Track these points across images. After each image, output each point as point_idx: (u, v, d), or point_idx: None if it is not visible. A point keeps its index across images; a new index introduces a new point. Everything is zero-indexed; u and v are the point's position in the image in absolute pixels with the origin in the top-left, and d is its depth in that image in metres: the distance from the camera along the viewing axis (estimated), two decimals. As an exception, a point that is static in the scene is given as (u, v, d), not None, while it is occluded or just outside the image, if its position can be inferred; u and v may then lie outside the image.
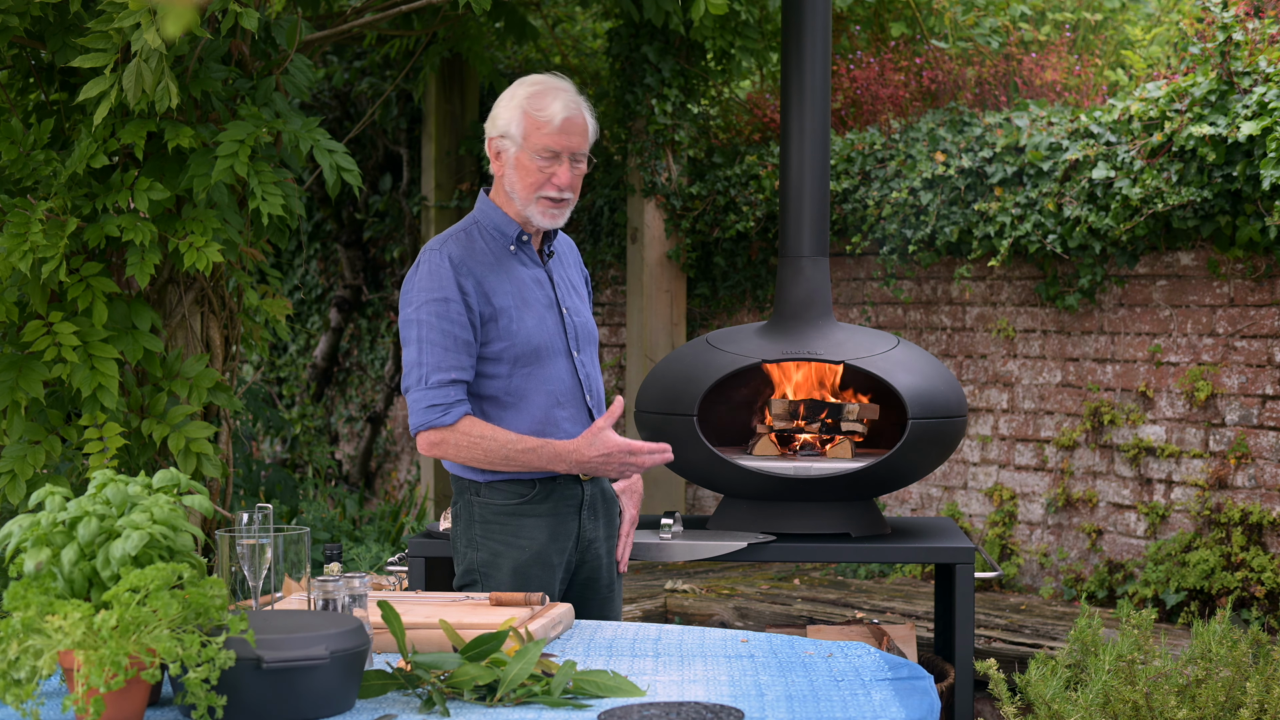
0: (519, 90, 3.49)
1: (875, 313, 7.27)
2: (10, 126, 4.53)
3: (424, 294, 3.41)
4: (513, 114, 3.47)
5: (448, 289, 3.40)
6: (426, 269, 3.43)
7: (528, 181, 3.47)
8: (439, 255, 3.43)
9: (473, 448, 3.39)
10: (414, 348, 3.42)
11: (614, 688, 2.53)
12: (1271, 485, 5.89)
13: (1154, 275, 6.27)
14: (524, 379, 3.46)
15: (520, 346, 3.45)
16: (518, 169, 3.47)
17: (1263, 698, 3.79)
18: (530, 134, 3.45)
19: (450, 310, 3.40)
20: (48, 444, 4.56)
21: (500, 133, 3.48)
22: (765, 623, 6.35)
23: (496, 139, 3.50)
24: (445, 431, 3.39)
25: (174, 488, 2.60)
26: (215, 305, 4.95)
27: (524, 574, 3.48)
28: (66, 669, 2.30)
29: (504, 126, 3.47)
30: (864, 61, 7.66)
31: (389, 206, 9.19)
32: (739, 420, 4.83)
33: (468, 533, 3.52)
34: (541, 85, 3.49)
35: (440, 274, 3.41)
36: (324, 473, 9.44)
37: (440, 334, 3.39)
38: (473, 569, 3.51)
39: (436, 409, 3.38)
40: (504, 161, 3.49)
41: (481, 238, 3.51)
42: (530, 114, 3.45)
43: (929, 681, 2.73)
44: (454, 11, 6.50)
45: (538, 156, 3.45)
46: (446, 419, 3.38)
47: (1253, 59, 5.81)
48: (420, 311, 3.41)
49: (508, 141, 3.47)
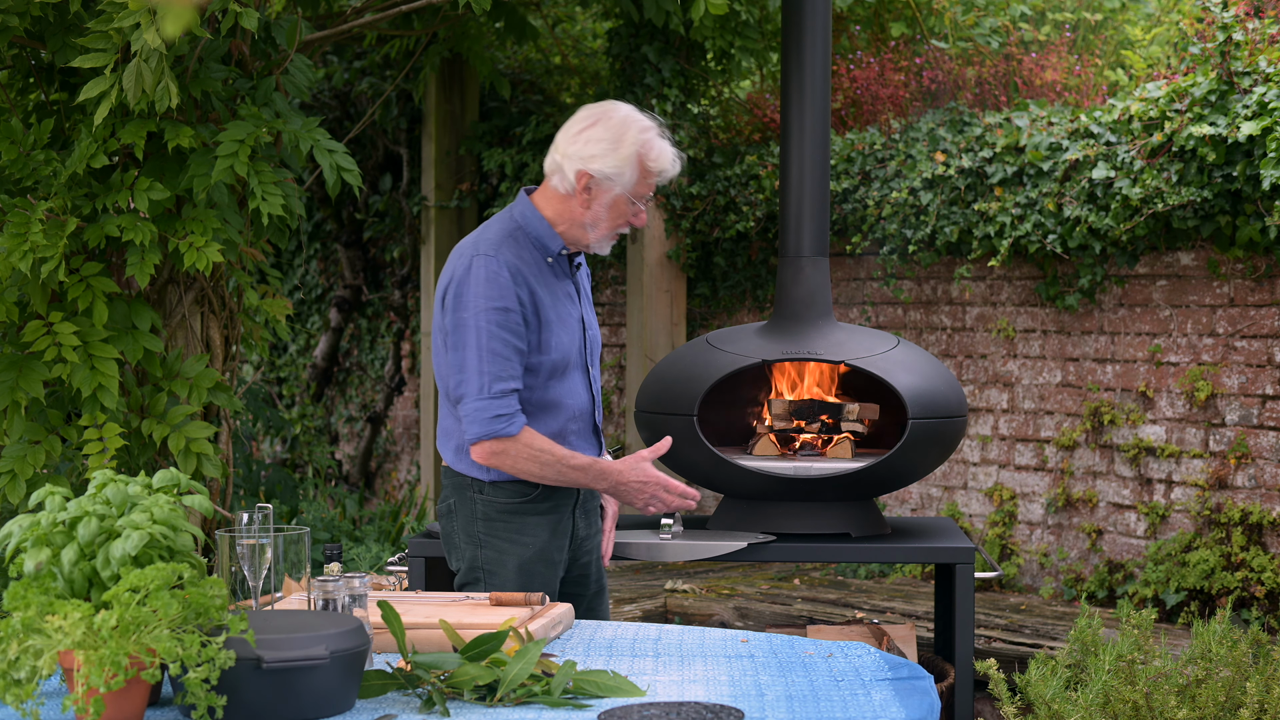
0: (629, 133, 3.45)
1: (875, 313, 7.27)
2: (10, 126, 4.53)
3: (484, 300, 3.37)
4: (626, 161, 3.43)
5: (508, 298, 3.38)
6: (484, 274, 3.38)
7: (617, 222, 3.49)
8: (496, 262, 3.39)
9: (532, 460, 3.40)
10: (473, 354, 3.38)
11: (614, 688, 2.53)
12: (1271, 485, 5.89)
13: (1154, 275, 6.27)
14: (548, 392, 3.49)
15: (555, 361, 3.47)
16: (611, 208, 3.47)
17: (1263, 698, 3.79)
18: (640, 182, 3.46)
19: (510, 320, 3.38)
20: (48, 444, 4.56)
21: (605, 174, 3.44)
22: (765, 623, 6.35)
23: (597, 177, 3.44)
24: (508, 442, 3.39)
25: (174, 488, 2.60)
26: (215, 305, 4.95)
27: (529, 571, 3.50)
28: (66, 669, 2.30)
29: (612, 170, 3.43)
30: (864, 61, 7.66)
31: (389, 206, 9.19)
32: (739, 420, 4.83)
33: (469, 529, 3.52)
34: (651, 131, 3.47)
35: (500, 282, 3.38)
36: (324, 473, 9.44)
37: (501, 343, 3.37)
38: (477, 566, 3.52)
39: (502, 419, 3.37)
40: (595, 197, 3.46)
41: (525, 245, 3.48)
42: (645, 164, 3.45)
43: (929, 681, 2.73)
44: (454, 11, 6.50)
45: (636, 201, 3.48)
46: (511, 429, 3.38)
47: (1253, 59, 5.81)
48: (480, 318, 3.37)
49: (612, 184, 3.45)
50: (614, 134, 3.44)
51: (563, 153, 3.47)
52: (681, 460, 4.57)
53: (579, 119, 3.49)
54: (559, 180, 3.48)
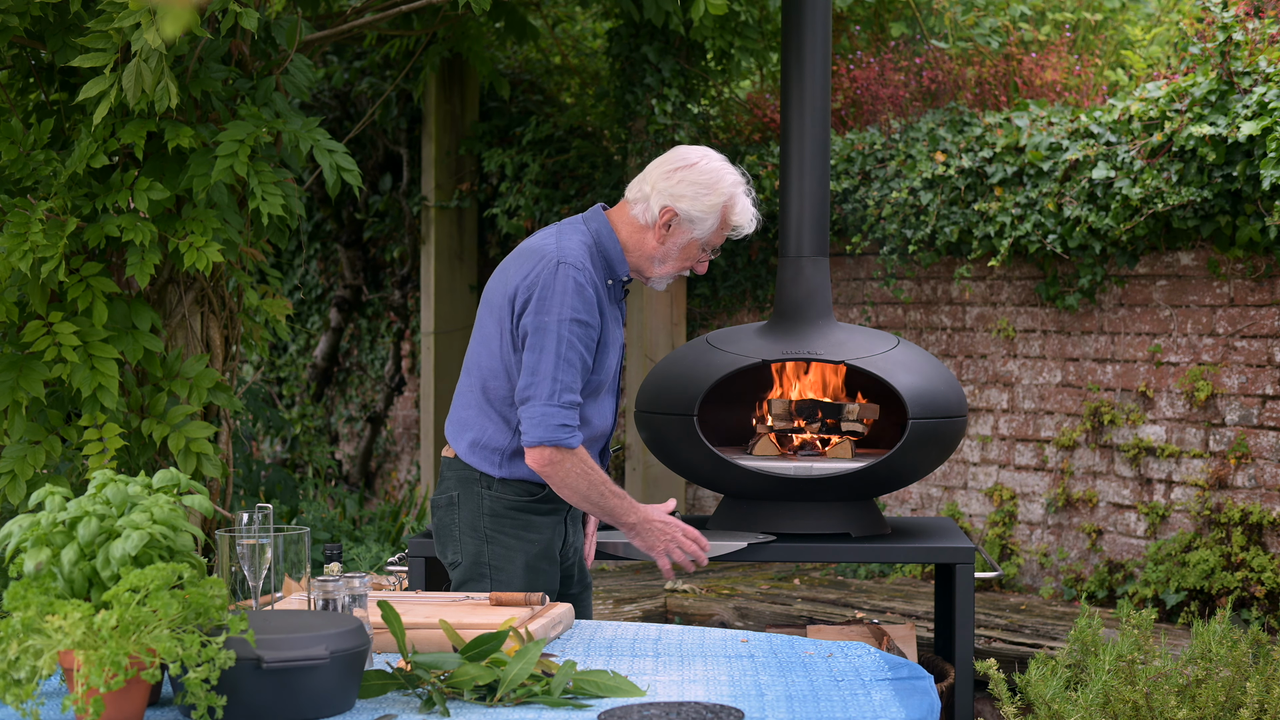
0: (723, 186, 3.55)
1: (875, 313, 7.27)
2: (10, 126, 4.53)
3: (571, 311, 3.42)
4: (712, 210, 3.54)
5: (592, 315, 3.45)
6: (574, 286, 3.44)
7: (683, 264, 3.60)
8: (584, 276, 3.46)
9: (582, 477, 3.44)
10: (550, 359, 3.41)
11: (614, 688, 2.53)
12: (1271, 485, 5.88)
13: (1154, 275, 6.26)
14: (587, 409, 3.54)
15: (602, 382, 3.55)
16: (684, 250, 3.57)
17: (1263, 698, 3.79)
18: (716, 233, 3.58)
19: (589, 336, 3.45)
20: (48, 444, 4.56)
21: (689, 217, 3.54)
22: (765, 623, 6.35)
23: (682, 217, 3.54)
24: (567, 453, 3.42)
25: (174, 488, 2.60)
26: (215, 305, 4.95)
27: (534, 569, 3.55)
28: (66, 669, 2.30)
29: (698, 214, 3.53)
30: (864, 61, 7.66)
31: (389, 206, 9.19)
32: (739, 420, 4.83)
33: (474, 523, 3.54)
34: (741, 187, 3.59)
35: (587, 297, 3.44)
36: (324, 473, 9.44)
37: (578, 356, 3.43)
38: (482, 561, 3.54)
39: (567, 430, 3.41)
40: (673, 236, 3.55)
41: (597, 263, 3.54)
42: (728, 216, 3.57)
43: (929, 681, 2.73)
44: (454, 11, 6.50)
45: (705, 248, 3.59)
46: (574, 441, 3.42)
47: (1253, 59, 5.81)
48: (564, 327, 3.42)
49: (693, 226, 3.55)
50: (708, 180, 3.55)
51: (654, 185, 3.55)
52: (681, 460, 4.57)
53: (676, 158, 3.58)
54: (641, 210, 3.56)
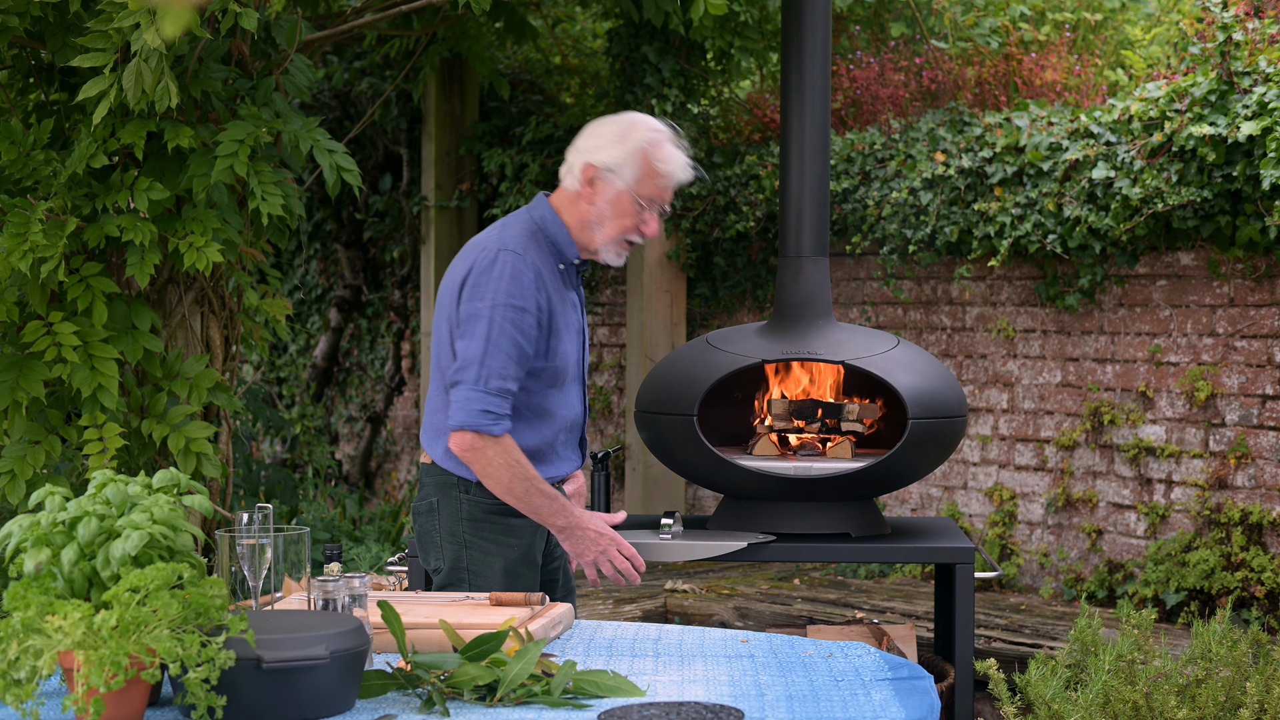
0: (637, 132, 3.46)
1: (875, 313, 7.27)
2: (10, 126, 4.53)
3: (504, 296, 3.35)
4: (630, 154, 3.43)
5: (528, 300, 3.37)
6: (510, 270, 3.37)
7: (621, 223, 3.47)
8: (523, 261, 3.38)
9: (505, 468, 3.36)
10: (479, 344, 3.34)
11: (614, 688, 2.53)
12: (1271, 485, 5.89)
13: (1154, 275, 6.26)
14: (546, 399, 3.47)
15: (558, 370, 3.46)
16: (614, 205, 3.45)
17: (1263, 698, 3.79)
18: (643, 180, 3.44)
19: (524, 322, 3.36)
20: (48, 444, 4.56)
21: (608, 165, 3.44)
22: (765, 623, 6.35)
23: (600, 169, 3.45)
24: (488, 440, 3.35)
25: (174, 488, 2.60)
26: (215, 305, 4.95)
27: (514, 573, 3.50)
28: (66, 669, 2.30)
29: (615, 162, 3.44)
30: (864, 61, 7.66)
31: (389, 206, 9.19)
32: (739, 420, 4.83)
33: (453, 528, 3.50)
34: (662, 134, 3.48)
35: (524, 282, 3.36)
36: (324, 473, 9.44)
37: (510, 342, 3.35)
38: (461, 567, 3.50)
39: (489, 416, 3.34)
40: (599, 192, 3.46)
41: (543, 248, 3.47)
42: (651, 161, 3.44)
43: (929, 681, 2.73)
44: (454, 11, 6.50)
45: (640, 202, 3.45)
46: (496, 429, 3.35)
47: (1253, 59, 5.81)
48: (496, 312, 3.35)
49: (614, 176, 3.44)
50: (622, 130, 3.46)
51: (574, 149, 3.51)
52: (681, 460, 4.57)
53: (595, 121, 3.53)
54: (570, 179, 3.49)
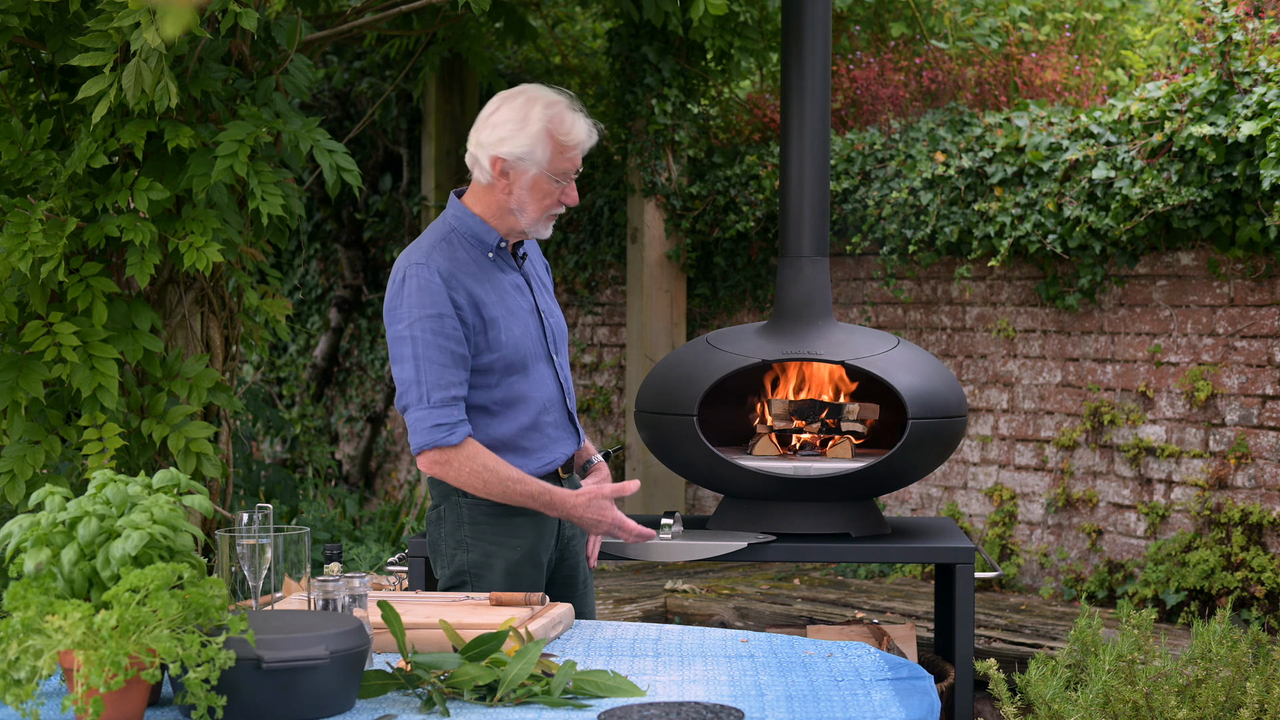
0: (534, 110, 3.39)
1: (875, 313, 7.27)
2: (10, 126, 4.53)
3: (416, 310, 3.33)
4: (535, 138, 3.37)
5: (441, 304, 3.33)
6: (415, 284, 3.34)
7: (543, 204, 3.42)
8: (427, 270, 3.35)
9: (474, 475, 3.35)
10: (410, 365, 3.34)
11: (614, 688, 2.53)
12: (1271, 485, 5.89)
13: (1154, 275, 6.27)
14: (510, 388, 3.44)
15: (509, 356, 3.42)
16: (533, 190, 3.41)
17: (1263, 698, 3.79)
18: (555, 158, 3.39)
19: (445, 326, 3.33)
20: (47, 444, 4.56)
21: (517, 155, 3.38)
22: (765, 623, 6.35)
23: (510, 160, 3.39)
24: (450, 452, 3.34)
25: (174, 488, 2.60)
26: (215, 305, 4.95)
27: (516, 574, 3.47)
28: (66, 669, 2.30)
29: (523, 149, 3.38)
30: (864, 61, 7.66)
31: (389, 206, 9.19)
32: (739, 420, 4.83)
33: (455, 534, 3.48)
34: (559, 105, 3.41)
35: (431, 289, 3.33)
36: (324, 473, 9.44)
37: (438, 350, 3.32)
38: (462, 570, 3.48)
39: (442, 429, 3.32)
40: (514, 181, 3.40)
41: (461, 246, 3.43)
42: (556, 138, 3.38)
43: (929, 681, 2.73)
44: (454, 11, 6.50)
45: (556, 178, 3.41)
46: (452, 439, 3.33)
47: (1253, 59, 5.81)
48: (414, 328, 3.33)
49: (527, 164, 3.38)
50: (520, 114, 3.39)
51: (475, 143, 3.43)
52: (681, 460, 4.57)
53: (488, 106, 3.44)
54: (479, 172, 3.44)
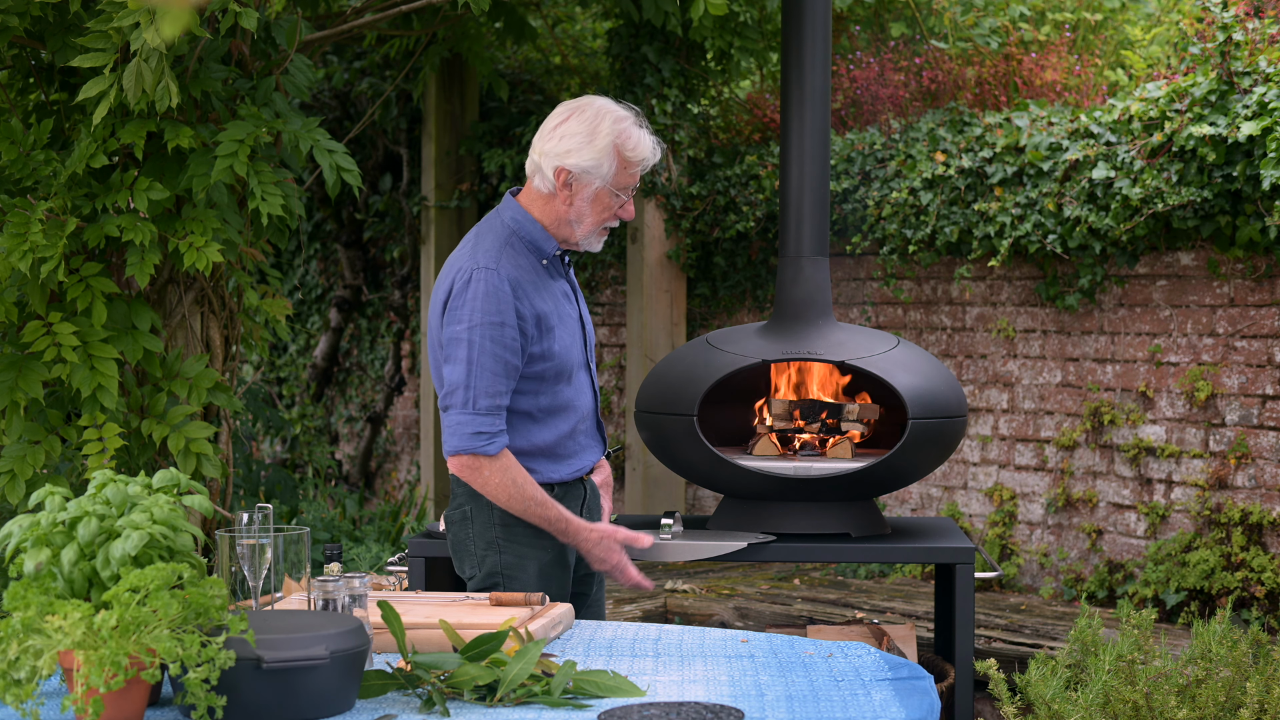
0: (604, 125, 3.41)
1: (875, 313, 7.27)
2: (10, 126, 4.53)
3: (480, 315, 3.33)
4: (603, 152, 3.39)
5: (505, 313, 3.34)
6: (484, 289, 3.34)
7: (602, 216, 3.45)
8: (497, 276, 3.36)
9: (501, 488, 3.37)
10: (462, 368, 3.34)
11: (614, 688, 2.53)
12: (1271, 485, 5.88)
13: (1154, 275, 6.26)
14: (556, 395, 3.47)
15: (559, 365, 3.45)
16: (594, 203, 3.43)
17: (1263, 698, 3.79)
18: (620, 173, 3.42)
19: (505, 335, 3.34)
20: (47, 444, 4.56)
21: (583, 168, 3.40)
22: (765, 623, 6.34)
23: (575, 172, 3.41)
24: (485, 460, 3.36)
25: (174, 488, 2.60)
26: (215, 305, 4.95)
27: (548, 575, 3.51)
28: (66, 669, 2.30)
29: (590, 163, 3.40)
30: (864, 61, 7.66)
31: (389, 206, 9.19)
32: (739, 420, 4.82)
33: (486, 535, 3.49)
34: (627, 121, 3.44)
35: (499, 297, 3.34)
36: (324, 473, 9.44)
37: (493, 359, 3.34)
38: (495, 572, 3.49)
39: (482, 437, 3.35)
40: (577, 193, 3.43)
41: (521, 251, 3.45)
42: (623, 154, 3.41)
43: (929, 681, 2.73)
44: (454, 11, 6.50)
45: (620, 193, 3.44)
46: (490, 448, 3.36)
47: (1253, 59, 5.81)
48: (474, 332, 3.34)
49: (592, 177, 3.41)
50: (588, 127, 3.41)
51: (540, 151, 3.45)
52: (681, 460, 4.57)
53: (554, 116, 3.47)
54: (540, 180, 3.45)
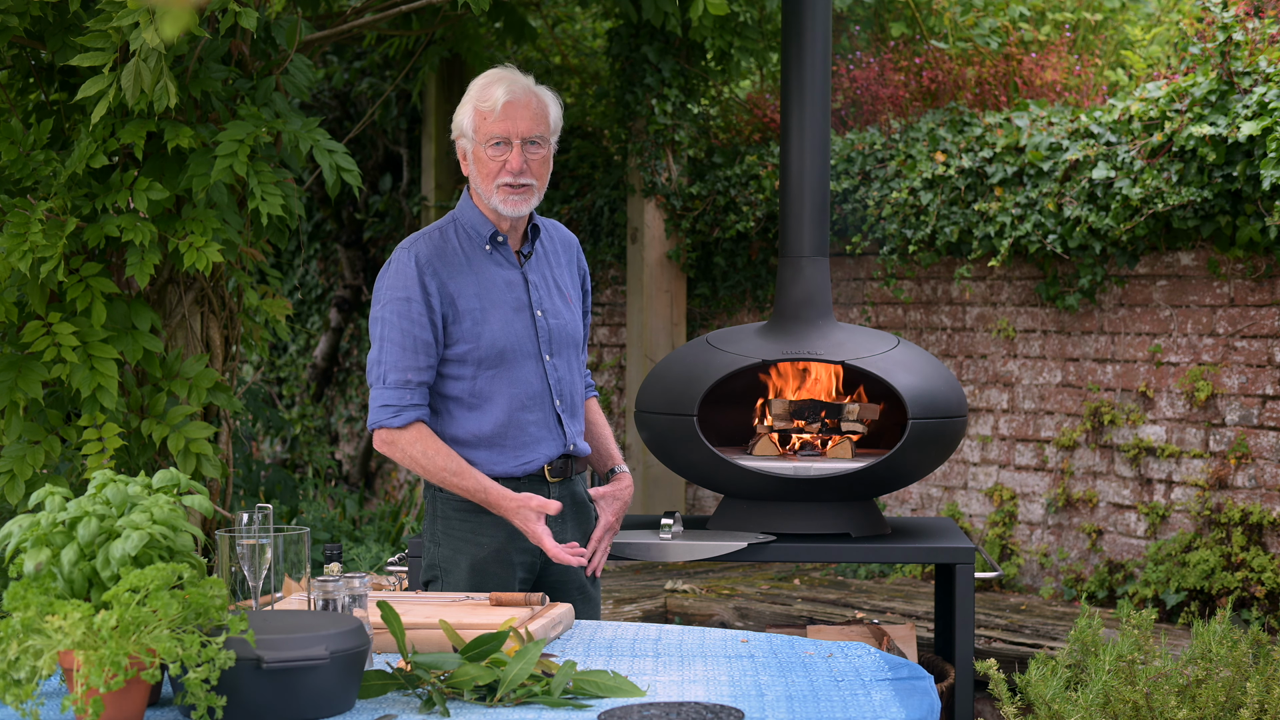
0: (471, 87, 3.52)
1: (875, 313, 7.27)
2: (10, 126, 4.53)
3: (389, 292, 3.44)
4: (464, 110, 3.49)
5: (410, 288, 3.41)
6: (395, 267, 3.45)
7: (484, 172, 3.48)
8: (407, 254, 3.45)
9: (415, 459, 3.42)
10: (376, 345, 3.45)
11: (614, 688, 2.53)
12: (1271, 485, 5.88)
13: (1154, 275, 6.26)
14: (488, 381, 3.47)
15: (484, 349, 3.46)
16: (475, 163, 3.49)
17: (1263, 698, 3.79)
18: (479, 126, 3.46)
19: (411, 310, 3.41)
20: (47, 444, 4.56)
21: (459, 132, 3.51)
22: (765, 623, 6.35)
23: (458, 139, 3.52)
24: (395, 433, 3.42)
25: (174, 488, 2.60)
26: (215, 305, 4.95)
27: (482, 571, 3.48)
28: (66, 669, 2.30)
29: (460, 125, 3.50)
30: (864, 61, 7.66)
31: (389, 206, 9.19)
32: (739, 420, 4.83)
33: (431, 528, 3.56)
34: (488, 77, 3.51)
35: (405, 273, 3.43)
36: (324, 473, 9.44)
37: (400, 333, 3.41)
38: (434, 564, 3.54)
39: (389, 410, 3.41)
40: (466, 159, 3.52)
41: (456, 236, 3.52)
42: (477, 107, 3.47)
43: (929, 681, 2.73)
44: (454, 11, 6.50)
45: (489, 146, 3.46)
46: (396, 421, 3.41)
47: (1253, 59, 5.81)
48: (385, 310, 3.43)
49: (465, 140, 3.50)
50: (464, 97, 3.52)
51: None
52: (681, 460, 4.57)
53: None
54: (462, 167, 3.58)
